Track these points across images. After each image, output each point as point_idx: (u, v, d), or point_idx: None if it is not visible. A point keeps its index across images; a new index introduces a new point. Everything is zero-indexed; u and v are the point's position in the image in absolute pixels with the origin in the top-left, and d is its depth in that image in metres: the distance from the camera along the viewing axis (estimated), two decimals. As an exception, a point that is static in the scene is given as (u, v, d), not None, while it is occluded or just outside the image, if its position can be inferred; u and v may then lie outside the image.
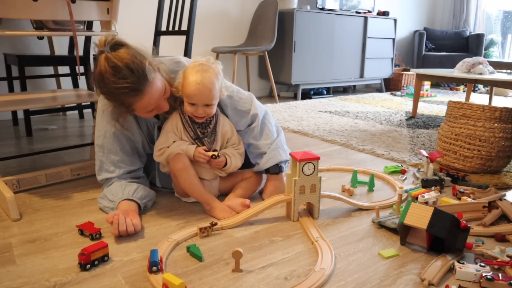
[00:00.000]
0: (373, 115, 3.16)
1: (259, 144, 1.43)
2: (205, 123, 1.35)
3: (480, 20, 5.61)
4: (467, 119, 1.75)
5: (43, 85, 2.86)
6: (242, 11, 3.87)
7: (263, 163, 1.42)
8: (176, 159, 1.29)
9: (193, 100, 1.25)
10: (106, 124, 1.31)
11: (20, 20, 2.49)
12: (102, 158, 1.33)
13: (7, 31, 1.31)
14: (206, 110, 1.28)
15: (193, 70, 1.25)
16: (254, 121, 1.44)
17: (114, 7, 1.48)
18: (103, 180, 1.34)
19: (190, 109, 1.28)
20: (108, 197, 1.28)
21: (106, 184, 1.34)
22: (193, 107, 1.27)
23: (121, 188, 1.28)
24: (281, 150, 1.44)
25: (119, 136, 1.32)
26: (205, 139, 1.35)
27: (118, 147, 1.32)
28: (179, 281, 0.86)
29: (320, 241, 1.10)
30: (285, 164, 1.46)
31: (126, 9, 2.97)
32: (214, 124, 1.36)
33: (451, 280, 0.96)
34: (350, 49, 4.32)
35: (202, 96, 1.24)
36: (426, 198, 1.28)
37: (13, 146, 2.09)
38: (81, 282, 0.92)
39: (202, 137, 1.34)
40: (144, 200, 1.29)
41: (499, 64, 3.61)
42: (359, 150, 2.13)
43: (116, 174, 1.32)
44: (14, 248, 1.06)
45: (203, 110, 1.27)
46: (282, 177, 1.44)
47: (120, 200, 1.24)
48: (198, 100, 1.25)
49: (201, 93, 1.23)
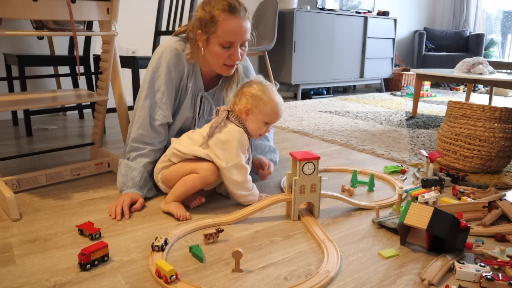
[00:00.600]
0: (373, 115, 3.16)
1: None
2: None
3: (480, 20, 5.61)
4: (467, 119, 1.75)
5: (43, 85, 2.86)
6: (242, 11, 3.87)
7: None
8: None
9: (271, 121, 1.32)
10: (164, 83, 1.36)
11: (20, 20, 2.49)
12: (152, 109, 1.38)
13: (7, 31, 1.31)
14: (267, 128, 1.35)
15: (273, 92, 1.32)
16: None
17: (114, 7, 1.48)
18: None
19: (262, 128, 1.31)
20: (120, 179, 1.38)
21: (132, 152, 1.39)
22: (264, 126, 1.32)
23: (129, 173, 1.37)
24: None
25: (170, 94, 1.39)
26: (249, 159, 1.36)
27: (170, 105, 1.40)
28: (170, 267, 0.90)
29: (327, 243, 1.10)
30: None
31: (126, 9, 2.97)
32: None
33: (451, 280, 0.96)
34: (350, 49, 4.32)
35: (278, 118, 1.33)
36: (426, 198, 1.28)
37: (13, 146, 2.09)
38: (81, 282, 0.92)
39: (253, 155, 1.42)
40: (145, 190, 1.38)
41: (499, 64, 3.61)
42: (359, 150, 2.13)
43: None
44: (14, 248, 1.06)
45: (266, 128, 1.33)
46: None
47: (125, 191, 1.35)
48: (274, 120, 1.33)
49: (280, 116, 1.33)
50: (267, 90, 1.31)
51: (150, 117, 1.38)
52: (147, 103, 1.37)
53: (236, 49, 1.31)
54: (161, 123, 1.39)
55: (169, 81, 1.37)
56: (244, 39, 1.32)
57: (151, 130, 1.38)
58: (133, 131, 1.39)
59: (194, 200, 1.33)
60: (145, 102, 1.37)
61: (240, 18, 1.28)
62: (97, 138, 1.77)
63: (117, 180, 1.39)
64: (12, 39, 2.67)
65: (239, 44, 1.32)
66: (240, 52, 1.33)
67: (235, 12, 1.26)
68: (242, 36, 1.30)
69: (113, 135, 2.34)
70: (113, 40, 1.57)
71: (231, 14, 1.26)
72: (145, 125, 1.38)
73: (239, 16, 1.27)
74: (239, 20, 1.28)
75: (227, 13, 1.26)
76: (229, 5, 1.26)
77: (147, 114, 1.37)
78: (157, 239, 1.03)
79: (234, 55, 1.32)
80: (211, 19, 1.27)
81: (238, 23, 1.27)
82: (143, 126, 1.38)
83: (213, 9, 1.27)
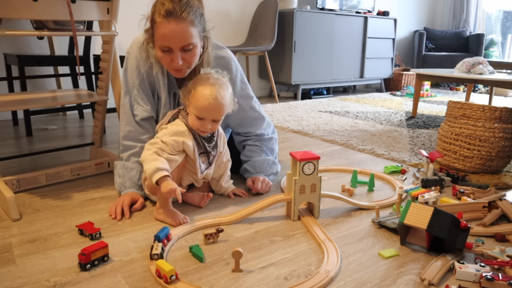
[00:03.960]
0: (373, 115, 3.16)
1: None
2: (210, 137, 1.31)
3: (480, 20, 5.61)
4: (467, 119, 1.75)
5: (43, 85, 2.86)
6: (242, 11, 3.87)
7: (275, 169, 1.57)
8: None
9: (203, 115, 1.22)
10: (135, 78, 1.36)
11: (20, 20, 2.49)
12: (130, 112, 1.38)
13: (7, 31, 1.31)
14: (214, 126, 1.26)
15: (207, 83, 1.22)
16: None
17: (114, 7, 1.48)
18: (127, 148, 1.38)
19: (196, 123, 1.24)
20: (117, 181, 1.37)
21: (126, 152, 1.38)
22: (200, 122, 1.23)
23: (126, 173, 1.36)
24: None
25: (145, 88, 1.38)
26: (210, 153, 1.32)
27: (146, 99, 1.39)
28: (170, 267, 0.90)
29: (327, 243, 1.10)
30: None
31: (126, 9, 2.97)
32: (216, 137, 1.34)
33: (451, 280, 0.96)
34: (350, 49, 4.32)
35: (214, 111, 1.22)
36: (426, 198, 1.28)
37: (13, 146, 2.09)
38: (81, 282, 0.92)
39: (209, 152, 1.31)
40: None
41: (499, 64, 3.61)
42: (359, 150, 2.13)
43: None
44: (14, 248, 1.06)
45: (211, 125, 1.24)
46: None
47: (124, 191, 1.34)
48: (208, 115, 1.22)
49: (214, 108, 1.21)
50: (199, 83, 1.23)
51: (132, 113, 1.39)
52: (127, 100, 1.39)
53: (175, 54, 1.21)
54: (142, 118, 1.38)
55: (139, 76, 1.36)
56: (183, 43, 1.20)
57: (137, 126, 1.39)
58: (121, 129, 1.41)
59: (202, 199, 1.34)
60: (125, 99, 1.39)
61: (177, 23, 1.17)
62: (97, 138, 1.77)
63: (115, 181, 1.39)
64: (12, 39, 2.67)
65: (181, 49, 1.21)
66: (181, 56, 1.22)
67: (170, 16, 1.17)
68: (178, 41, 1.19)
69: (113, 135, 2.34)
70: (113, 40, 1.57)
71: (166, 18, 1.17)
72: (130, 121, 1.38)
73: (176, 20, 1.17)
74: (174, 25, 1.17)
75: (162, 17, 1.18)
76: (166, 10, 1.17)
77: (129, 110, 1.39)
78: (154, 247, 1.00)
79: (173, 60, 1.23)
80: (151, 21, 1.22)
81: (171, 28, 1.17)
82: (129, 122, 1.39)
83: (154, 10, 1.21)
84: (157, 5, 1.20)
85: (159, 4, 1.19)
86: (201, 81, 1.23)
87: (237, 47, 3.58)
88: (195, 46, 1.24)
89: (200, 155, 1.29)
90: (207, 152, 1.30)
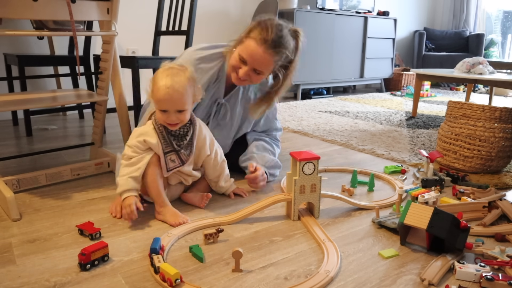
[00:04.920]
0: (373, 115, 3.16)
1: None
2: (182, 134, 1.27)
3: (480, 20, 5.61)
4: (467, 119, 1.75)
5: (43, 85, 2.86)
6: (242, 11, 3.87)
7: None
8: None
9: (164, 106, 1.19)
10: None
11: (20, 20, 2.49)
12: None
13: (7, 31, 1.31)
14: (179, 117, 1.21)
15: (163, 74, 1.19)
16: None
17: (114, 7, 1.48)
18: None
19: (161, 117, 1.21)
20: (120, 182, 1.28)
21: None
22: (164, 114, 1.20)
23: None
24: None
25: None
26: (181, 152, 1.28)
27: None
28: (175, 271, 0.88)
29: (327, 243, 1.10)
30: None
31: (126, 9, 2.97)
32: (191, 135, 1.29)
33: (451, 280, 0.96)
34: (350, 49, 4.32)
35: (173, 102, 1.18)
36: (426, 198, 1.28)
37: (13, 146, 2.09)
38: (81, 282, 0.92)
39: (178, 150, 1.27)
40: None
41: (499, 64, 3.61)
42: (359, 150, 2.13)
43: None
44: (14, 248, 1.06)
45: (175, 116, 1.20)
46: None
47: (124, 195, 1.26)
48: (169, 106, 1.18)
49: (172, 98, 1.17)
50: (155, 75, 1.21)
51: None
52: None
53: (248, 70, 1.36)
54: None
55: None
56: (259, 68, 1.36)
57: None
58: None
59: (201, 200, 1.33)
60: None
61: (265, 51, 1.33)
62: (97, 138, 1.77)
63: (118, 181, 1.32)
64: (12, 39, 2.67)
65: (254, 69, 1.37)
66: (251, 74, 1.38)
67: (265, 43, 1.32)
68: (257, 63, 1.35)
69: (113, 135, 2.34)
70: (113, 40, 1.57)
71: (260, 42, 1.33)
72: None
73: (266, 49, 1.33)
74: (261, 52, 1.33)
75: (258, 39, 1.33)
76: (264, 38, 1.32)
77: None
78: (155, 260, 0.95)
79: (243, 74, 1.37)
80: (248, 32, 1.37)
81: (258, 51, 1.33)
82: None
83: (256, 29, 1.35)
84: (262, 27, 1.34)
85: (264, 29, 1.34)
86: (157, 74, 1.21)
87: (237, 47, 3.58)
88: (263, 74, 1.40)
89: (168, 153, 1.26)
90: (175, 150, 1.27)
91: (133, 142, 1.24)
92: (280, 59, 1.38)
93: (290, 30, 1.40)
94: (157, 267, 0.92)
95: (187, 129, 1.28)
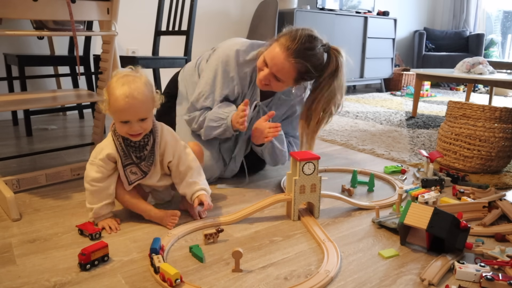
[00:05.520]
0: (373, 115, 3.16)
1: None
2: (141, 145, 1.17)
3: (480, 20, 5.61)
4: (467, 119, 1.75)
5: (43, 85, 2.86)
6: (242, 11, 3.87)
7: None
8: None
9: (125, 117, 1.09)
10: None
11: (20, 20, 2.49)
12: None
13: (7, 31, 1.31)
14: (142, 125, 1.12)
15: (118, 83, 1.09)
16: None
17: (114, 7, 1.48)
18: None
19: (122, 128, 1.12)
20: None
21: None
22: (126, 126, 1.11)
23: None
24: None
25: None
26: (141, 164, 1.19)
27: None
28: (175, 271, 0.88)
29: (327, 243, 1.10)
30: None
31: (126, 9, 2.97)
32: (152, 145, 1.19)
33: (451, 280, 0.96)
34: (350, 49, 4.28)
35: (134, 110, 1.09)
36: (426, 198, 1.28)
37: (13, 146, 2.09)
38: (81, 282, 0.92)
39: (138, 162, 1.18)
40: None
41: (499, 64, 3.61)
42: (359, 150, 2.13)
43: None
44: (14, 248, 1.06)
45: (138, 126, 1.11)
46: None
47: None
48: (131, 115, 1.09)
49: (132, 107, 1.08)
50: (110, 85, 1.11)
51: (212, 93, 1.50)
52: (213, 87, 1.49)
53: (268, 74, 1.36)
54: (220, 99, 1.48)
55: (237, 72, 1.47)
56: (278, 73, 1.34)
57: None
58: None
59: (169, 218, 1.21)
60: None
61: (286, 57, 1.31)
62: (97, 138, 1.77)
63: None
64: (12, 39, 2.67)
65: (273, 74, 1.35)
66: (271, 79, 1.37)
67: (287, 50, 1.31)
68: (276, 67, 1.33)
69: (113, 135, 2.33)
70: (113, 40, 1.56)
71: (283, 47, 1.31)
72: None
73: (286, 55, 1.31)
74: (281, 56, 1.31)
75: (282, 44, 1.32)
76: (288, 46, 1.31)
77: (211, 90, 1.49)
78: (155, 260, 0.95)
79: (264, 78, 1.38)
80: (277, 38, 1.36)
81: (279, 56, 1.32)
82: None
83: (284, 36, 1.34)
84: (291, 35, 1.33)
85: (293, 37, 1.32)
86: (111, 83, 1.11)
87: (237, 47, 3.58)
88: (283, 82, 1.37)
89: (128, 166, 1.18)
90: (134, 162, 1.18)
91: (95, 161, 1.17)
92: (302, 70, 1.33)
93: (326, 46, 1.37)
94: (157, 267, 0.92)
95: (147, 139, 1.18)
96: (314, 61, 1.34)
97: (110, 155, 1.16)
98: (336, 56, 1.37)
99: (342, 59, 1.38)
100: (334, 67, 1.37)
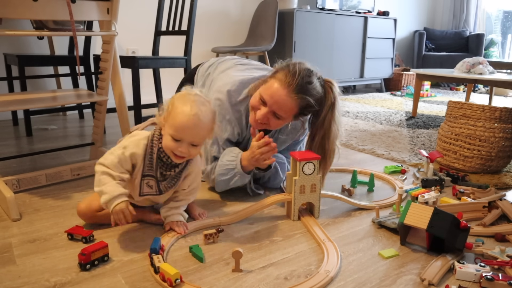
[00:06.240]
0: (373, 115, 3.16)
1: None
2: (172, 165, 1.11)
3: (480, 20, 5.61)
4: (467, 119, 1.75)
5: (43, 85, 2.86)
6: (242, 11, 3.87)
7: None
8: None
9: (181, 135, 1.03)
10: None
11: (20, 20, 2.49)
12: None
13: (7, 31, 1.31)
14: (191, 151, 1.06)
15: (187, 99, 1.04)
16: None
17: (114, 7, 1.48)
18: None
19: (171, 145, 1.04)
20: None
21: None
22: (175, 143, 1.04)
23: None
24: None
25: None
26: (162, 183, 1.11)
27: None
28: (175, 270, 0.88)
29: (327, 243, 1.10)
30: None
31: (126, 9, 2.97)
32: (181, 169, 1.13)
33: (451, 280, 0.96)
34: (350, 49, 4.32)
35: (193, 132, 1.03)
36: (426, 198, 1.28)
37: (13, 146, 2.09)
38: (81, 282, 0.92)
39: (161, 180, 1.11)
40: None
41: (499, 64, 3.61)
42: (359, 150, 2.13)
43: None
44: (14, 248, 1.06)
45: (187, 149, 1.05)
46: None
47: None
48: (188, 135, 1.03)
49: (193, 127, 1.02)
50: (178, 98, 1.06)
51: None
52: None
53: (267, 112, 1.27)
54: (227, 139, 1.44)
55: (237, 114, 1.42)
56: (278, 110, 1.26)
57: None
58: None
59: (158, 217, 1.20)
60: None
61: (286, 94, 1.24)
62: (97, 138, 1.77)
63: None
64: (12, 39, 2.67)
65: (273, 112, 1.27)
66: (270, 117, 1.28)
67: (287, 86, 1.24)
68: (276, 105, 1.26)
69: (113, 135, 2.33)
70: (113, 40, 1.57)
71: (281, 83, 1.25)
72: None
73: (287, 91, 1.24)
74: (281, 92, 1.24)
75: (279, 80, 1.26)
76: (288, 82, 1.24)
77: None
78: (155, 260, 0.94)
79: (259, 114, 1.29)
80: (274, 72, 1.30)
81: (279, 92, 1.25)
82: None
83: (280, 72, 1.28)
84: (289, 70, 1.27)
85: (292, 72, 1.26)
86: (180, 97, 1.06)
87: (237, 47, 3.58)
88: (282, 119, 1.30)
89: (147, 177, 1.10)
90: (156, 177, 1.11)
91: (118, 152, 1.07)
92: (303, 106, 1.28)
93: (321, 79, 1.32)
94: (157, 267, 0.92)
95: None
96: (315, 94, 1.28)
97: (134, 155, 1.07)
98: (331, 88, 1.32)
99: (336, 90, 1.33)
100: (332, 98, 1.32)
